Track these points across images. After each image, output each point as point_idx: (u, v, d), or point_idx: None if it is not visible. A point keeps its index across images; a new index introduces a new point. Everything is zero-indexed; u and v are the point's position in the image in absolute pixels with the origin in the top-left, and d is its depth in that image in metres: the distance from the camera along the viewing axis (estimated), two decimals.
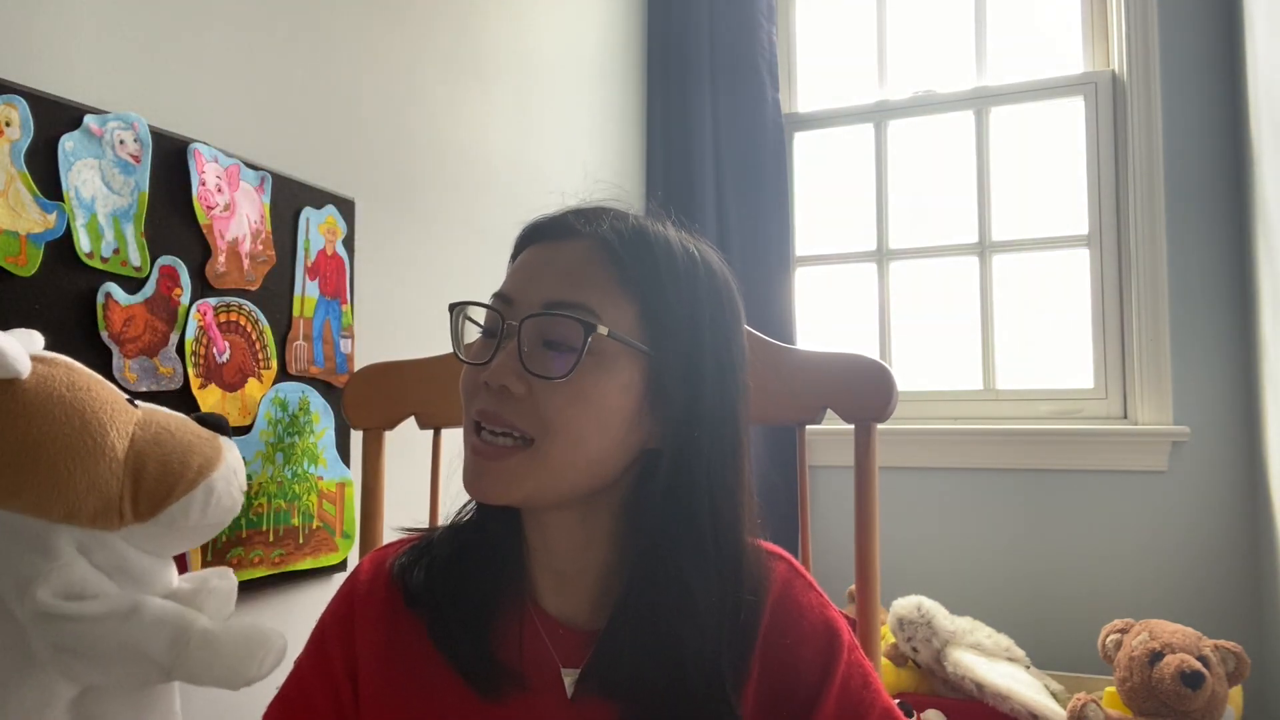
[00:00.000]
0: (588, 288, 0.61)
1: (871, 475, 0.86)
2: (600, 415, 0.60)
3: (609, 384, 0.60)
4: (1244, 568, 1.96)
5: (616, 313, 0.61)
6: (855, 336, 2.44)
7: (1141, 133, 2.08)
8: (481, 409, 0.61)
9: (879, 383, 0.85)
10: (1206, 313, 2.03)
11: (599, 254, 0.62)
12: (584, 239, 0.63)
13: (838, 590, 1.87)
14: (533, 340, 0.60)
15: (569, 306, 0.60)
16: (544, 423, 0.59)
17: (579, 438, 0.60)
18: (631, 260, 0.62)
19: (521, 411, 0.59)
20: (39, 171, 0.85)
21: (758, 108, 2.36)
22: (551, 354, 0.60)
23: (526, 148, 1.80)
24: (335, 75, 1.28)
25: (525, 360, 0.59)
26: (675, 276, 0.63)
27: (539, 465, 0.60)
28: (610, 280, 0.61)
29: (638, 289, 0.62)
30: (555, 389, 0.59)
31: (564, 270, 0.62)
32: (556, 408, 0.59)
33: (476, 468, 0.61)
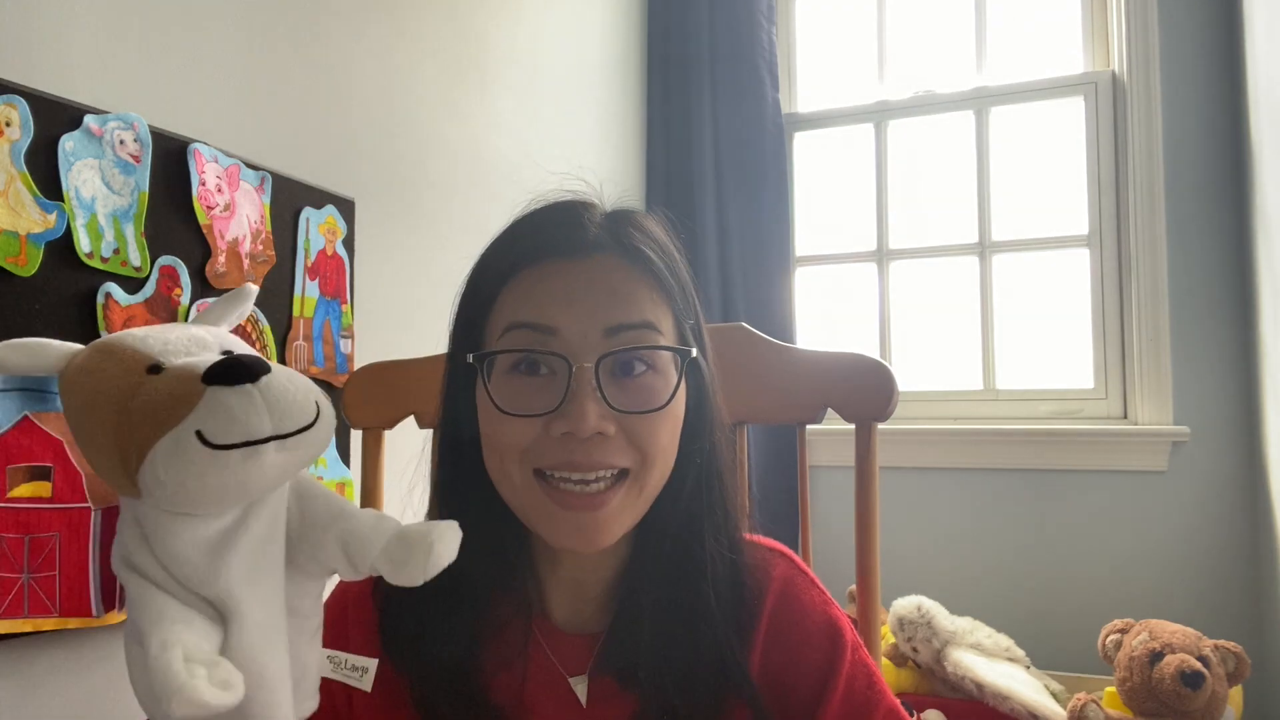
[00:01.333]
0: (643, 305, 0.59)
1: (872, 475, 0.86)
2: (678, 428, 0.60)
3: (679, 397, 0.60)
4: (1244, 568, 1.96)
5: (664, 321, 0.60)
6: (855, 336, 2.44)
7: (1141, 133, 2.08)
8: (566, 460, 0.56)
9: (879, 382, 0.85)
10: (1206, 313, 2.03)
11: (633, 265, 0.60)
12: (611, 251, 0.60)
13: (838, 590, 1.86)
14: (606, 376, 0.57)
15: (635, 329, 0.58)
16: (642, 454, 0.57)
17: (669, 457, 0.60)
18: (662, 268, 0.61)
19: (613, 449, 0.57)
20: (39, 171, 0.85)
21: (758, 108, 2.36)
22: (629, 382, 0.58)
23: (527, 148, 1.80)
24: (335, 75, 1.28)
25: (610, 398, 0.56)
26: (686, 276, 0.64)
27: (639, 494, 0.59)
28: (652, 292, 0.60)
29: (669, 296, 0.61)
30: (649, 419, 0.57)
31: (610, 290, 0.59)
32: (653, 437, 0.57)
33: (577, 521, 0.57)
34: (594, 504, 0.57)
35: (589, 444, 0.56)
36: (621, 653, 0.61)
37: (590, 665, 0.63)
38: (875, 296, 2.41)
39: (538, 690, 0.63)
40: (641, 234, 0.62)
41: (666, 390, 0.58)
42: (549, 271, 0.59)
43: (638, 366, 0.58)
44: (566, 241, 0.60)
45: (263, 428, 0.49)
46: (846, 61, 2.54)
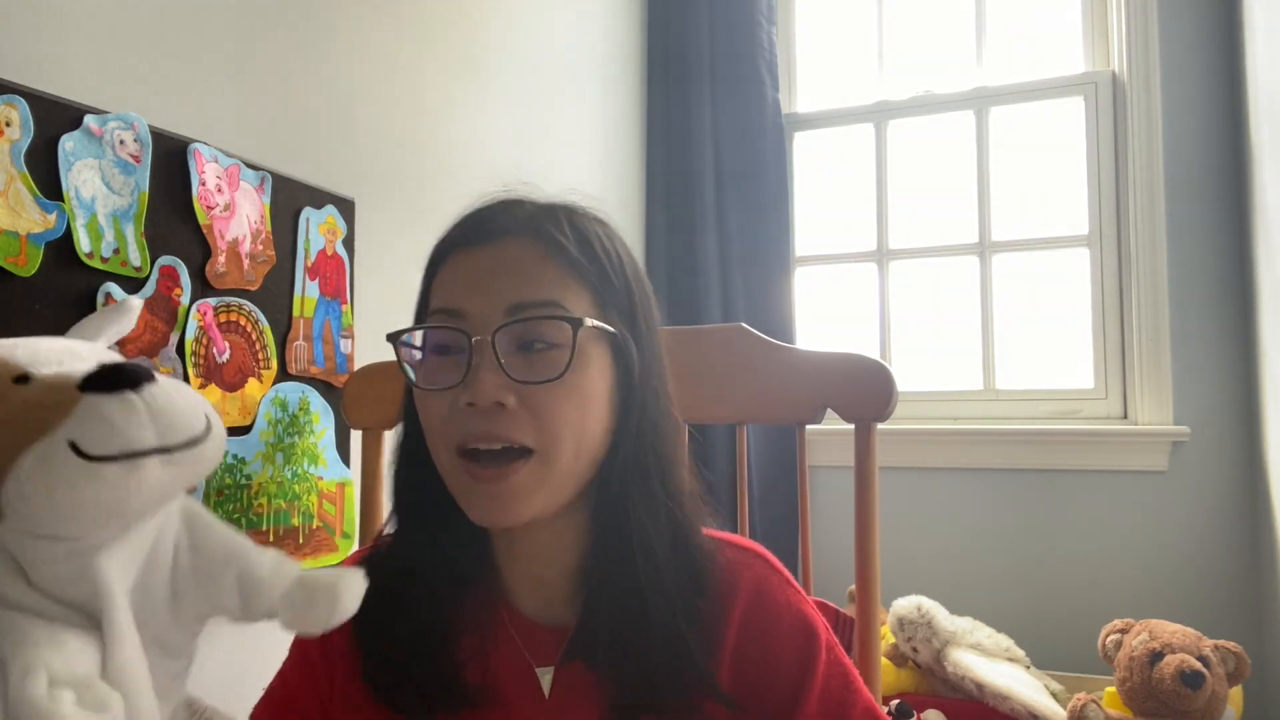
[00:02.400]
0: (546, 284, 0.60)
1: (871, 475, 0.86)
2: (591, 405, 0.60)
3: (592, 372, 0.60)
4: (1244, 568, 1.96)
5: (576, 301, 0.60)
6: (855, 336, 2.44)
7: (1141, 133, 2.08)
8: (470, 431, 0.58)
9: (879, 382, 0.85)
10: (1206, 313, 2.03)
11: (540, 247, 0.61)
12: (519, 235, 0.61)
13: (838, 590, 1.87)
14: (507, 349, 0.58)
15: (538, 307, 0.59)
16: (544, 428, 0.58)
17: (579, 433, 0.59)
18: (570, 247, 0.61)
19: (516, 423, 0.57)
20: (39, 171, 0.85)
21: (758, 108, 2.36)
22: (532, 357, 0.58)
23: (526, 148, 1.80)
24: (335, 76, 1.28)
25: (510, 370, 0.57)
26: (609, 254, 0.63)
27: (547, 472, 0.58)
28: (560, 270, 0.60)
29: (585, 274, 0.61)
30: (548, 391, 0.58)
31: (512, 271, 0.60)
32: (554, 409, 0.58)
33: (484, 493, 0.58)
34: (498, 475, 0.58)
35: (490, 415, 0.57)
36: (585, 645, 0.62)
37: (557, 657, 0.63)
38: (875, 296, 2.41)
39: (506, 679, 0.63)
40: (555, 220, 0.62)
41: (566, 363, 0.58)
42: (461, 259, 0.62)
43: (541, 342, 0.59)
44: (477, 230, 0.63)
45: (145, 438, 0.45)
46: (846, 61, 2.54)
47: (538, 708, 0.63)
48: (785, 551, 2.25)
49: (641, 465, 0.62)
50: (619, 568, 0.61)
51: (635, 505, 0.61)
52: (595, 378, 0.60)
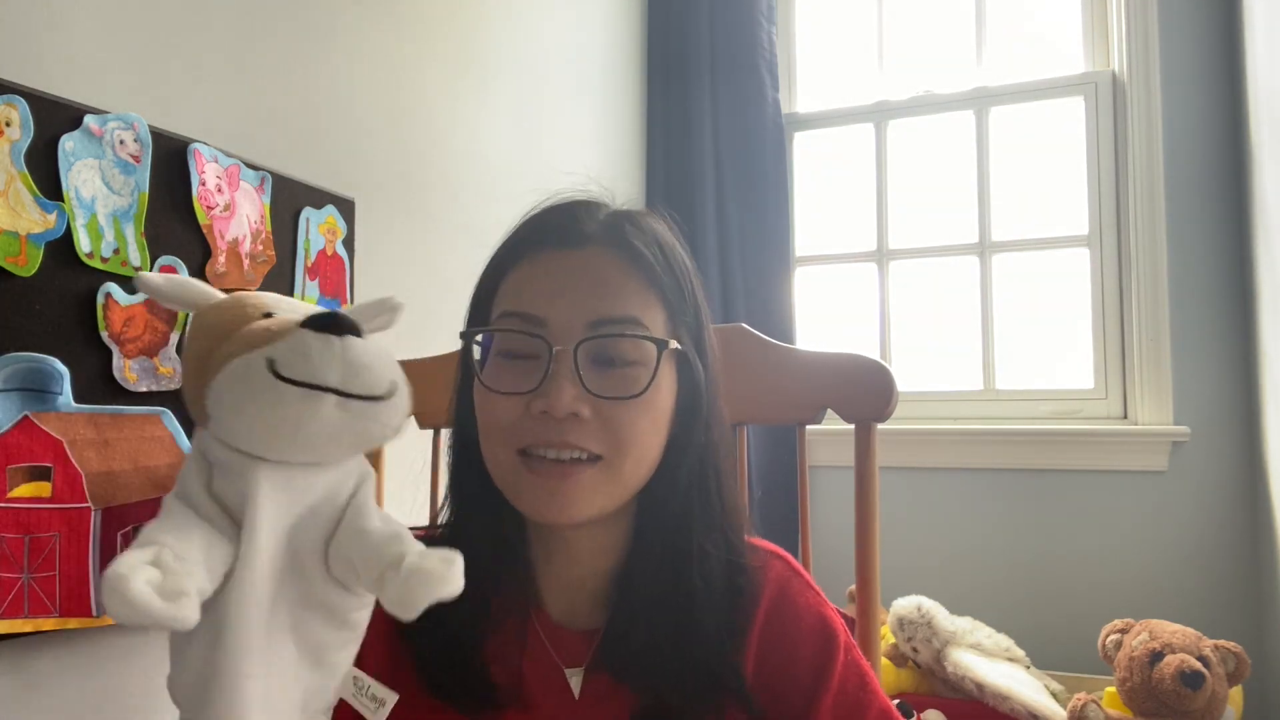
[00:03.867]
0: (628, 298, 0.61)
1: (871, 475, 0.86)
2: (659, 421, 0.61)
3: (664, 389, 0.61)
4: (1244, 568, 1.96)
5: (653, 316, 0.62)
6: (855, 336, 2.44)
7: (1141, 133, 2.08)
8: (540, 437, 0.59)
9: (879, 382, 0.85)
10: (1206, 313, 2.03)
11: (625, 259, 0.62)
12: (605, 244, 0.62)
13: (838, 590, 1.87)
14: (585, 361, 0.59)
15: (622, 323, 0.60)
16: (616, 440, 0.59)
17: (646, 447, 0.61)
18: (655, 263, 0.62)
19: (588, 432, 0.59)
20: (39, 171, 0.85)
21: (758, 108, 2.36)
22: (611, 371, 0.60)
23: (526, 147, 1.80)
24: (335, 75, 1.28)
25: (587, 383, 0.58)
26: (684, 272, 0.65)
27: (612, 479, 0.60)
28: (642, 286, 0.61)
29: (662, 291, 0.62)
30: (625, 407, 0.59)
31: (598, 282, 0.61)
32: (629, 424, 0.59)
33: (548, 489, 0.59)
34: (563, 473, 0.59)
35: (564, 424, 0.58)
36: (617, 649, 0.62)
37: (587, 660, 0.64)
38: (875, 296, 2.41)
39: (535, 680, 0.64)
40: (639, 230, 0.63)
41: (646, 382, 0.59)
42: (542, 263, 0.62)
43: (620, 359, 0.59)
44: (560, 234, 0.63)
45: (329, 377, 0.49)
46: (846, 61, 2.54)
47: (567, 709, 0.63)
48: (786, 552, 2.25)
49: (703, 480, 0.64)
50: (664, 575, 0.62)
51: (695, 519, 0.63)
52: (665, 393, 0.62)
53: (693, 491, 0.63)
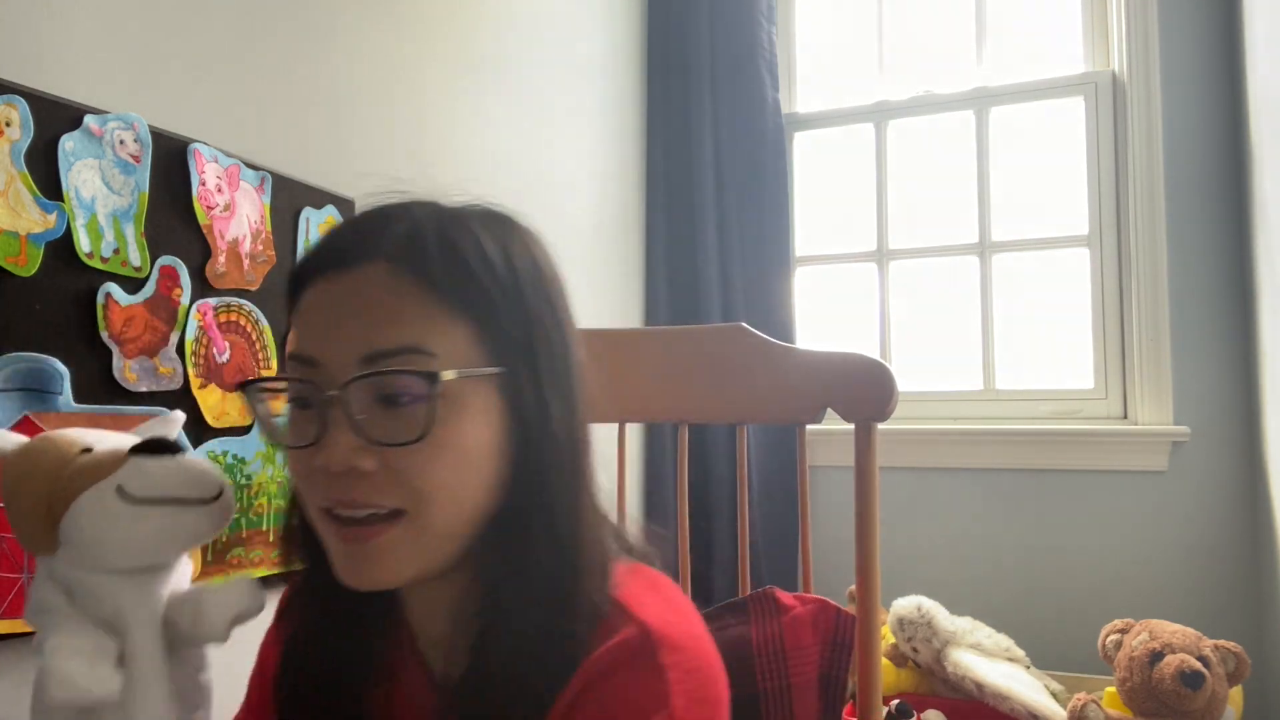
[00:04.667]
0: (408, 323, 0.51)
1: (872, 475, 0.86)
2: (469, 460, 0.52)
3: (468, 424, 0.52)
4: (1244, 568, 1.96)
5: (448, 339, 0.51)
6: (855, 336, 2.44)
7: (1141, 133, 2.08)
8: (329, 496, 0.52)
9: (879, 382, 0.85)
10: (1206, 313, 2.03)
11: (408, 277, 0.51)
12: (380, 260, 0.52)
13: (838, 590, 1.87)
14: (364, 401, 0.50)
15: (395, 355, 0.50)
16: (412, 492, 0.51)
17: (455, 493, 0.52)
18: (445, 270, 0.52)
19: (378, 486, 0.50)
20: (39, 171, 0.85)
21: (758, 108, 2.36)
22: (393, 411, 0.50)
23: (527, 148, 1.80)
24: (335, 75, 1.28)
25: (363, 430, 0.50)
26: (495, 274, 0.53)
27: (420, 534, 0.51)
28: (428, 302, 0.51)
29: (462, 302, 0.52)
30: (414, 453, 0.50)
31: (370, 308, 0.51)
32: (421, 472, 0.50)
33: (347, 552, 0.52)
34: (363, 535, 0.51)
35: (347, 481, 0.50)
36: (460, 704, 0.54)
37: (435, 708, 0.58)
38: (875, 296, 2.42)
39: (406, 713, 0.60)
40: (439, 239, 0.53)
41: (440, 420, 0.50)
42: (315, 293, 0.54)
43: (403, 395, 0.50)
44: (333, 256, 0.54)
45: (174, 490, 0.61)
46: (846, 61, 2.54)
47: None
48: (786, 551, 2.25)
49: (525, 520, 0.53)
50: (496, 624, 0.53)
51: (512, 563, 0.53)
52: (475, 428, 0.52)
53: (513, 534, 0.53)
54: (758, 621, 0.79)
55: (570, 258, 2.06)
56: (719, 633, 0.79)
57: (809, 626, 0.79)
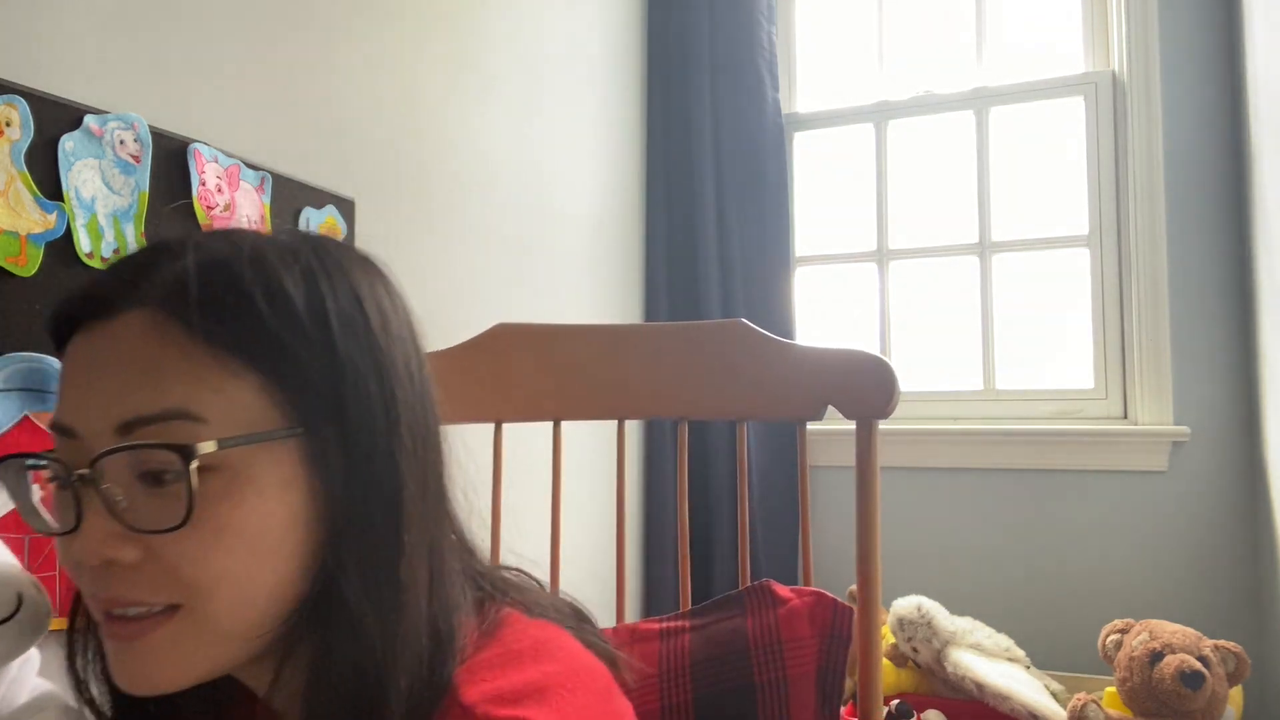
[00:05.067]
0: (169, 381, 0.42)
1: (873, 473, 0.86)
2: (258, 543, 0.43)
3: (255, 499, 0.43)
4: (1244, 568, 1.96)
5: (225, 400, 0.43)
6: (855, 337, 2.44)
7: (1141, 133, 2.08)
8: (91, 592, 0.44)
9: (880, 378, 0.85)
10: (1206, 313, 2.03)
11: (171, 323, 0.43)
12: (142, 307, 0.43)
13: (838, 591, 1.87)
14: (122, 480, 0.43)
15: (155, 422, 0.42)
16: (184, 585, 0.43)
17: (240, 583, 0.43)
18: (221, 317, 0.43)
19: (145, 580, 0.43)
20: (39, 171, 0.85)
21: (758, 108, 2.36)
22: (157, 491, 0.42)
23: (526, 147, 1.80)
24: (335, 75, 1.28)
25: (126, 514, 0.42)
26: (293, 320, 0.45)
27: (201, 631, 0.44)
28: (198, 355, 0.43)
29: (246, 354, 0.44)
30: (182, 540, 0.42)
31: (126, 365, 0.43)
32: (193, 562, 0.42)
33: (121, 655, 0.44)
34: (132, 633, 0.43)
35: (108, 574, 0.43)
36: None
37: None
38: (875, 296, 2.42)
39: None
40: (226, 277, 0.44)
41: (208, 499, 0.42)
42: (75, 347, 0.45)
43: (167, 471, 0.42)
44: (88, 302, 0.45)
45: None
46: (846, 61, 2.54)
47: None
48: (786, 550, 2.25)
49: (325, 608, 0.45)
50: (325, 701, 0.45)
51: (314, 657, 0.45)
52: (264, 504, 0.44)
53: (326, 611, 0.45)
54: (753, 614, 0.79)
55: (570, 258, 2.07)
56: (715, 626, 0.79)
57: (806, 619, 0.78)
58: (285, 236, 0.49)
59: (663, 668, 0.76)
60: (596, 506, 1.99)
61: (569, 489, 1.89)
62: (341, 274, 0.48)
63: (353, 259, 0.51)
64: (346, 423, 0.46)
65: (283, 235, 0.49)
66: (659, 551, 2.22)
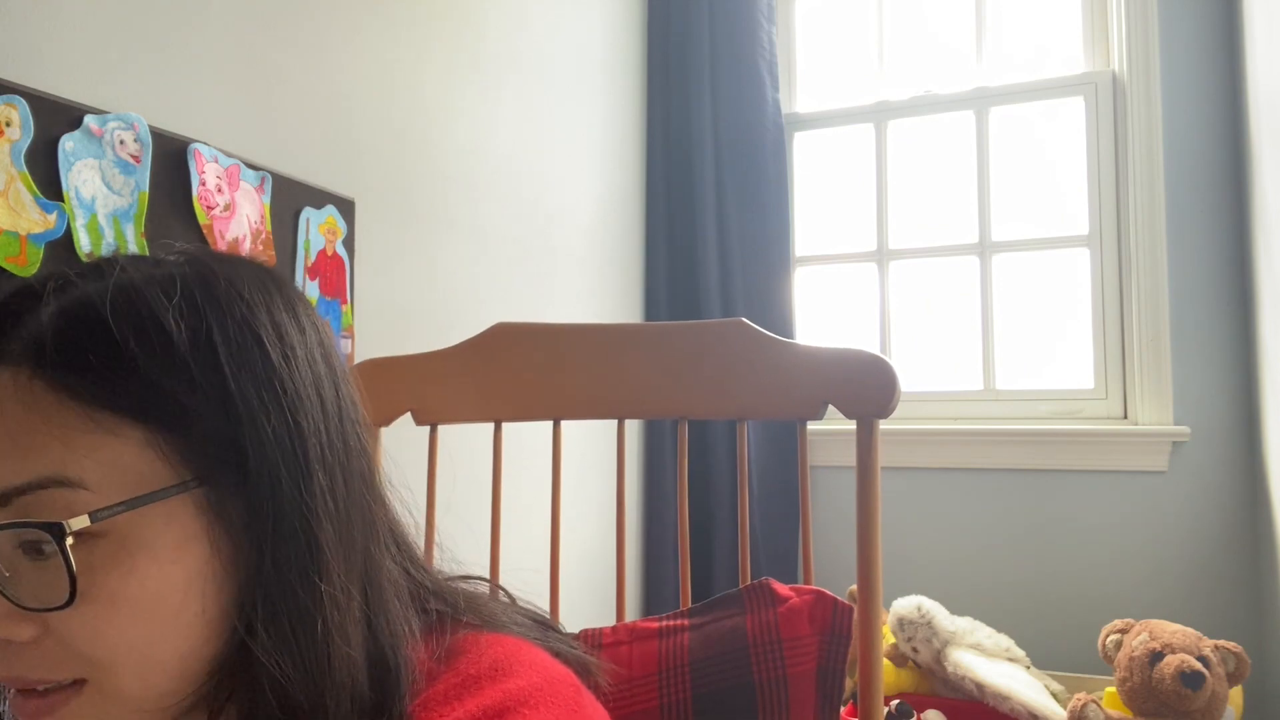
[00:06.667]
0: (36, 449, 0.39)
1: (873, 472, 0.86)
2: (158, 609, 0.41)
3: (149, 564, 0.40)
4: (1244, 568, 1.96)
5: (101, 459, 0.40)
6: (855, 337, 2.44)
7: (1141, 133, 2.09)
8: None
9: (880, 377, 0.85)
10: (1206, 313, 2.03)
11: (29, 382, 0.40)
12: (27, 362, 0.40)
13: (838, 591, 1.87)
14: (7, 555, 0.40)
15: (28, 491, 0.39)
16: (86, 661, 0.41)
17: (145, 653, 0.41)
18: (82, 369, 0.40)
19: (44, 657, 0.41)
20: (39, 171, 0.85)
21: (758, 108, 2.36)
22: (41, 564, 0.40)
23: (526, 148, 1.80)
24: (335, 75, 1.28)
25: (9, 593, 0.40)
26: (174, 363, 0.41)
27: (112, 703, 0.42)
28: (65, 415, 0.40)
29: (124, 407, 0.40)
30: (74, 615, 0.39)
31: (6, 432, 0.40)
32: (91, 638, 0.40)
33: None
34: (39, 710, 0.41)
35: (7, 652, 0.41)
36: None
37: None
38: (875, 296, 2.42)
39: None
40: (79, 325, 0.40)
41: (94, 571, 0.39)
42: None
43: (46, 543, 0.39)
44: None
45: None
46: (846, 61, 2.54)
47: None
48: (786, 550, 2.26)
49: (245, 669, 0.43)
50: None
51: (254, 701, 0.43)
52: (159, 567, 0.41)
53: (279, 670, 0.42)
54: (753, 612, 0.79)
55: (570, 258, 2.07)
56: (714, 624, 0.79)
57: (805, 617, 0.78)
58: (168, 259, 0.45)
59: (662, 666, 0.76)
60: (596, 506, 2.00)
61: (569, 489, 1.90)
62: (233, 299, 0.44)
63: (244, 277, 0.46)
64: (247, 468, 0.42)
65: (165, 258, 0.45)
66: (659, 551, 2.22)
